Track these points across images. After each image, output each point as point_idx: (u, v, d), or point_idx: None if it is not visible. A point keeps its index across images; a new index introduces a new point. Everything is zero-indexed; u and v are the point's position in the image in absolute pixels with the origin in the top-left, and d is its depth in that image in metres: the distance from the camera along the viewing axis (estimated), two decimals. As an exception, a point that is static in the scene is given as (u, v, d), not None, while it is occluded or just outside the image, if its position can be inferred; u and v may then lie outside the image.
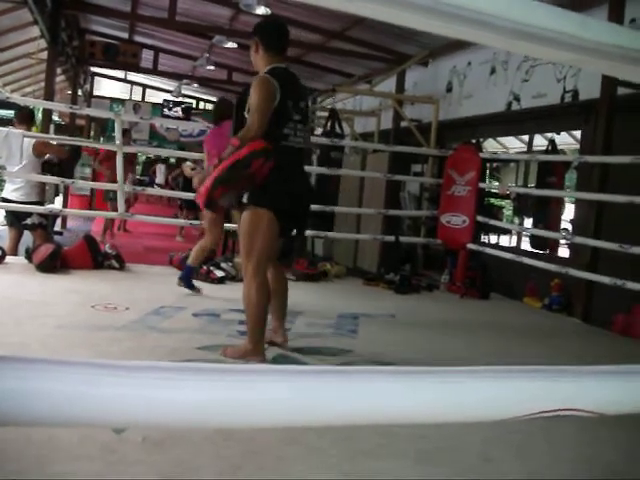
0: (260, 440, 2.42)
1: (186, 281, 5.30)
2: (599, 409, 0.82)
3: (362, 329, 4.58)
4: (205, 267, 5.89)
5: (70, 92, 13.37)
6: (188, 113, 15.97)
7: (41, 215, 6.28)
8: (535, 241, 7.59)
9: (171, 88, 16.19)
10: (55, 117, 12.82)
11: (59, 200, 11.92)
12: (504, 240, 11.64)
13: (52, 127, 9.02)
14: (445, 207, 7.23)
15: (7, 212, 6.46)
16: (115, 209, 8.69)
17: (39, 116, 10.28)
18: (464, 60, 8.74)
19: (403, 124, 9.44)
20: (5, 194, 6.38)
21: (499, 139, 12.28)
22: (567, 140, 10.35)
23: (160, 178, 16.26)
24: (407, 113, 9.34)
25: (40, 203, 6.38)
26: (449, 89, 9.14)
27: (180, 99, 16.30)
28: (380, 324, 4.91)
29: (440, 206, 7.33)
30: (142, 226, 11.22)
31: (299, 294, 5.84)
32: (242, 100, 3.57)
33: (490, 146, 11.88)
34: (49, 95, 8.66)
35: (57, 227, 9.50)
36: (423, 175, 9.22)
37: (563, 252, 8.28)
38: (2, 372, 0.65)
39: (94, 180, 11.80)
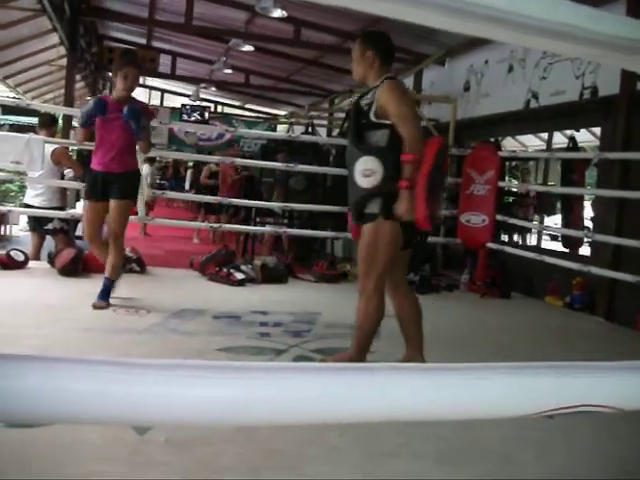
0: (281, 440, 2.43)
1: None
2: (618, 404, 0.82)
3: (383, 329, 4.55)
4: (225, 269, 5.91)
5: (89, 98, 13.51)
6: (204, 117, 16.05)
7: (62, 220, 6.34)
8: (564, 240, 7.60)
9: (189, 92, 16.28)
10: (75, 123, 12.90)
11: (80, 205, 12.03)
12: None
13: (72, 133, 9.12)
14: (464, 206, 7.21)
15: (29, 217, 6.53)
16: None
17: (60, 122, 10.40)
18: (481, 59, 8.70)
19: (421, 124, 9.41)
20: (27, 200, 6.46)
21: (518, 137, 12.21)
22: (587, 137, 10.26)
23: (187, 183, 16.37)
24: (425, 113, 9.32)
25: (61, 208, 6.44)
26: (467, 88, 9.10)
27: (198, 103, 16.40)
28: (400, 324, 4.89)
29: (459, 205, 7.31)
30: (162, 229, 11.31)
31: (319, 295, 5.86)
32: (359, 106, 3.31)
33: (509, 144, 11.82)
34: (69, 101, 8.76)
35: (79, 232, 9.58)
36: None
37: (585, 250, 8.21)
38: (28, 371, 0.66)
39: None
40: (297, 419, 0.80)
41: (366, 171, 3.14)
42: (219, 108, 18.83)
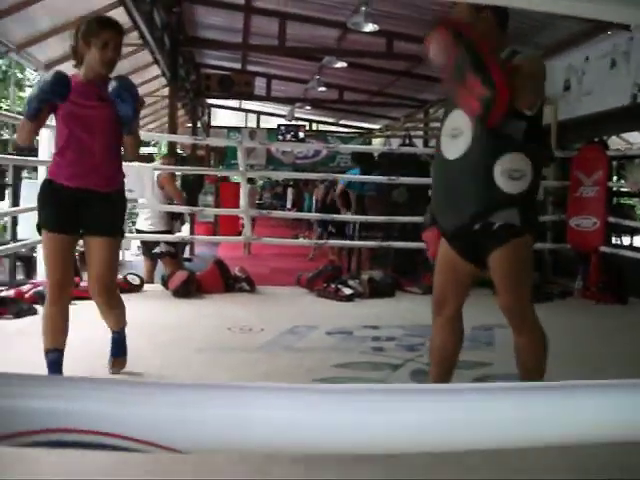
0: (409, 460, 2.40)
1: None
2: None
3: (498, 341, 4.45)
4: (333, 285, 5.94)
5: (190, 125, 13.97)
6: (299, 135, 16.26)
7: (169, 243, 6.57)
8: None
9: (284, 112, 16.56)
10: (178, 149, 13.44)
11: (185, 228, 12.44)
12: (638, 241, 11.05)
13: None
14: (573, 210, 6.96)
15: (141, 242, 6.81)
16: None
17: (163, 150, 10.84)
18: (581, 56, 8.41)
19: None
20: (138, 225, 6.76)
21: (622, 134, 11.71)
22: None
23: (288, 202, 16.69)
24: (525, 116, 9.08)
25: (169, 232, 6.67)
26: (567, 87, 8.82)
27: (293, 122, 16.66)
28: (515, 334, 4.76)
29: (568, 209, 7.07)
30: (265, 248, 11.53)
31: (428, 307, 5.77)
32: None
33: (612, 143, 11.35)
34: (173, 129, 9.09)
35: (186, 254, 9.91)
36: (545, 179, 8.93)
37: None
38: (164, 399, 0.66)
39: (217, 207, 12.27)
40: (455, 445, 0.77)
41: (515, 172, 2.44)
42: (314, 126, 19.05)
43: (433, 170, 2.70)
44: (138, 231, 6.73)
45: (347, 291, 5.86)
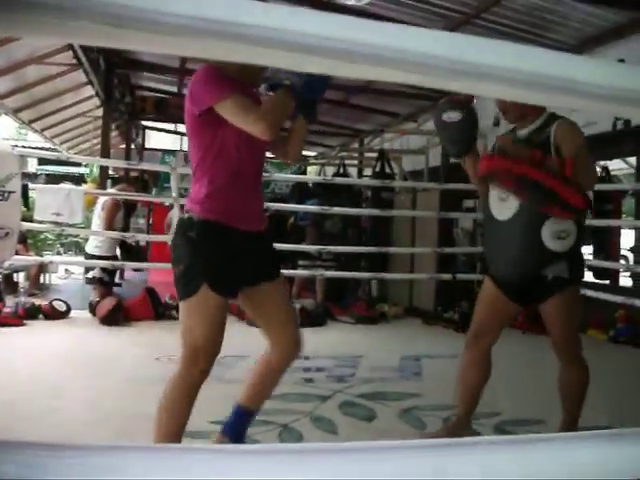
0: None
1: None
2: None
3: (426, 371, 4.53)
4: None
5: (124, 146, 13.75)
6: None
7: (104, 270, 6.43)
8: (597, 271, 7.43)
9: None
10: (110, 171, 13.21)
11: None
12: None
13: (109, 182, 9.31)
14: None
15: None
16: None
17: (95, 172, 10.63)
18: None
19: (452, 160, 9.39)
20: (87, 248, 6.73)
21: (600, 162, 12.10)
22: (621, 165, 10.16)
23: None
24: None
25: (115, 257, 6.59)
26: (496, 123, 9.09)
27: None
28: (444, 365, 4.82)
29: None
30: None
31: (359, 337, 5.84)
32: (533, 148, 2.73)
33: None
34: (106, 151, 8.93)
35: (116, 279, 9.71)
36: (476, 211, 9.14)
37: (625, 281, 8.07)
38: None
39: (148, 232, 12.07)
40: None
41: (562, 233, 2.68)
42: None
43: (485, 225, 2.98)
44: (85, 255, 6.67)
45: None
